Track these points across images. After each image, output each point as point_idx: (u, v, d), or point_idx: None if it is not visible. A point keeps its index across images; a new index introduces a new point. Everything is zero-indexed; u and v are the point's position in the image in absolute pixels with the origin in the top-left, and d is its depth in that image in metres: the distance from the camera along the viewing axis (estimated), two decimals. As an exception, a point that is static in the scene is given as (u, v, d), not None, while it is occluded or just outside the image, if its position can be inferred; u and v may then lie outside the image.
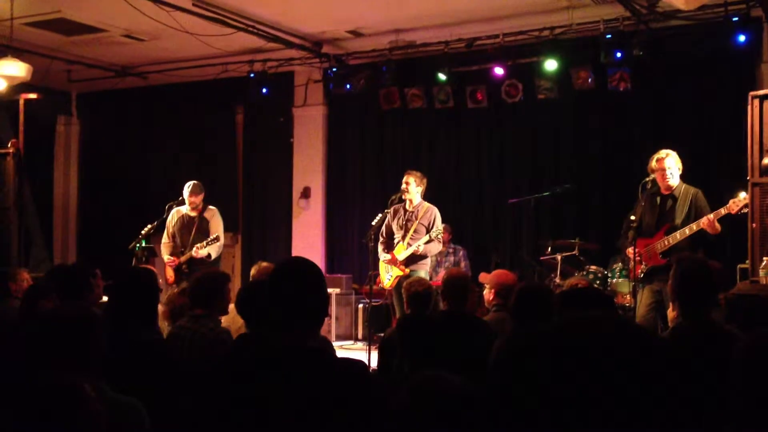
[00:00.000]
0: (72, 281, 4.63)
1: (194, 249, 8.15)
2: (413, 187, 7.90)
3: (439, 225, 7.84)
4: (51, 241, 12.82)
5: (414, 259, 7.78)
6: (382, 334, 5.44)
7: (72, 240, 13.15)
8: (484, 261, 9.34)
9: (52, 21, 9.38)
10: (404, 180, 7.95)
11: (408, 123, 10.52)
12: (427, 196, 8.12)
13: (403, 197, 7.95)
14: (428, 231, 7.80)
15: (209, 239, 8.18)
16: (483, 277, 7.69)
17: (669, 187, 6.37)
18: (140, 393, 2.78)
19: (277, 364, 2.48)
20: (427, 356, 3.61)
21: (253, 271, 5.84)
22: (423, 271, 7.75)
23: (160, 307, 6.25)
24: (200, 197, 8.48)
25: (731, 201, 5.94)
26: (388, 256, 7.87)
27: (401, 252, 7.85)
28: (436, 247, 7.96)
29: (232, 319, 5.43)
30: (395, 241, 7.99)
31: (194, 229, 8.37)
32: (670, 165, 6.32)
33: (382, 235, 8.07)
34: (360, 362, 2.66)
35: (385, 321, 8.95)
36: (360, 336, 9.99)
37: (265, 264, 5.66)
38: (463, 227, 9.72)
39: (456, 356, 3.41)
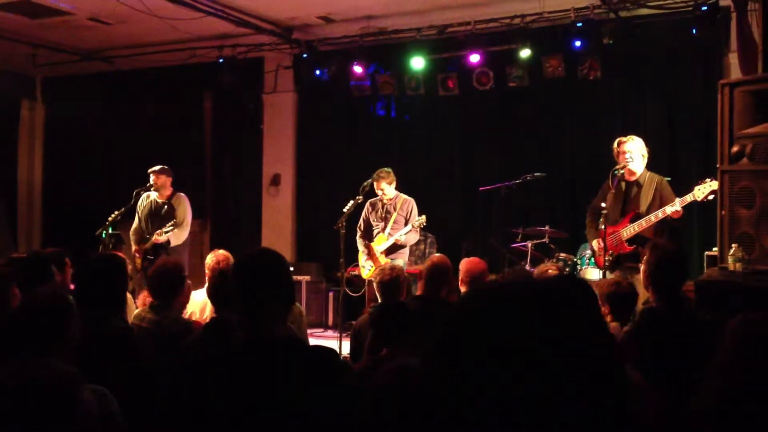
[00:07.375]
0: (38, 268, 4.53)
1: (154, 236, 8.14)
2: (388, 189, 8.06)
3: (416, 215, 8.07)
4: (15, 228, 12.61)
5: (394, 248, 8.02)
6: (354, 322, 5.42)
7: (37, 226, 12.94)
8: (454, 249, 9.32)
9: (17, 3, 9.19)
10: (378, 188, 8.03)
11: (379, 110, 10.46)
12: (397, 185, 8.18)
13: (382, 200, 8.11)
14: (407, 221, 7.98)
15: (166, 226, 8.14)
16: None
17: (632, 173, 6.40)
18: (106, 381, 2.72)
19: (243, 354, 2.46)
20: (398, 341, 3.60)
21: (208, 260, 5.61)
22: (402, 260, 7.93)
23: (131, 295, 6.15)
24: (163, 178, 8.40)
25: (696, 188, 5.97)
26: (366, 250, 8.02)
27: (381, 242, 8.04)
28: (414, 237, 8.22)
29: (200, 306, 5.37)
30: (375, 232, 8.15)
31: (160, 216, 8.32)
32: (631, 149, 6.33)
33: (360, 228, 8.25)
34: (329, 349, 2.66)
35: (356, 308, 8.91)
36: (330, 323, 9.95)
37: (221, 251, 5.52)
38: (434, 215, 9.69)
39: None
